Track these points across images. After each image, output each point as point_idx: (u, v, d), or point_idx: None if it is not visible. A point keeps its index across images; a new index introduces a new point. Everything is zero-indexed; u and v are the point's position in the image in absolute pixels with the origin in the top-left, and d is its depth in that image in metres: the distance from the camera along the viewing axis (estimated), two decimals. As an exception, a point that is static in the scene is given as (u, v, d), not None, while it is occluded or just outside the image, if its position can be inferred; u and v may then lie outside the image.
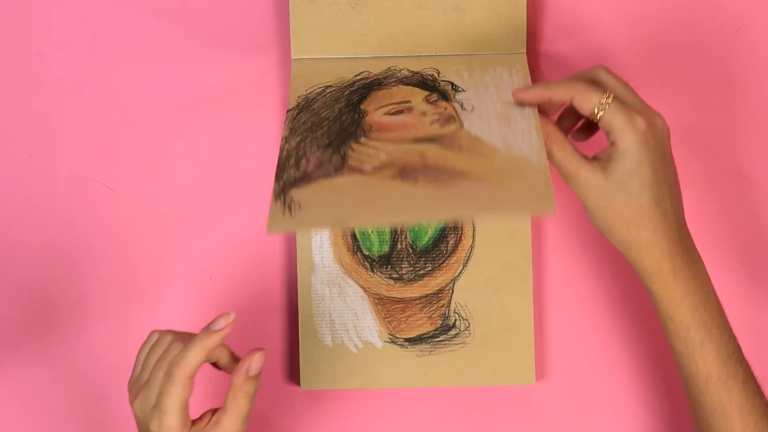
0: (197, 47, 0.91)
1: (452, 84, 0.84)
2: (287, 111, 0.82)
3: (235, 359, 0.81)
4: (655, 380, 0.90)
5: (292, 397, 0.91)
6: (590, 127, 0.82)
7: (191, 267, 0.91)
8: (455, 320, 0.89)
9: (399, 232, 0.89)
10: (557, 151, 0.77)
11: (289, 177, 0.75)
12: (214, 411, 0.79)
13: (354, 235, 0.89)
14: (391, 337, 0.89)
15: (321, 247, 0.89)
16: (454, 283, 0.89)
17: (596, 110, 0.76)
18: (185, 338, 0.80)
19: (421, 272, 0.89)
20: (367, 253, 0.89)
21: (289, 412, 0.91)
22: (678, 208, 0.78)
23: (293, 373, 0.90)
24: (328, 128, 0.80)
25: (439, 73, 0.85)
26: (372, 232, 0.89)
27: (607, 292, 0.91)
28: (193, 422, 0.78)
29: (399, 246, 0.89)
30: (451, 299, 0.89)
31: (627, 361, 0.90)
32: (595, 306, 0.91)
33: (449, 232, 0.89)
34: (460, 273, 0.89)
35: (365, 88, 0.84)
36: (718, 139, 0.91)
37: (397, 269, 0.89)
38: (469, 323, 0.89)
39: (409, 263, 0.89)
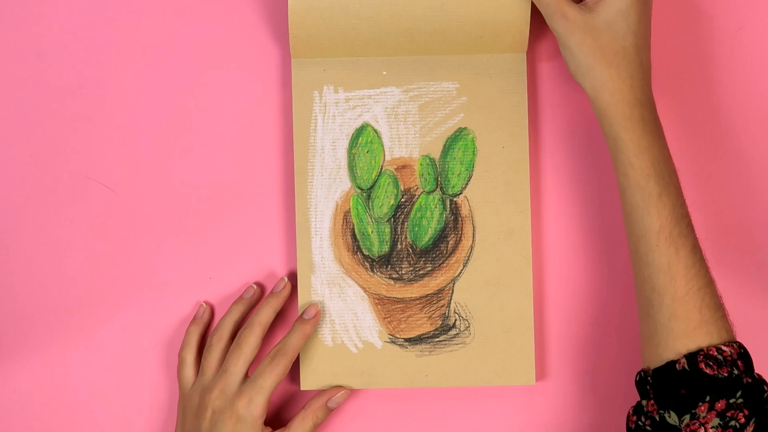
0: (197, 47, 0.91)
1: None
2: None
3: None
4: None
5: (291, 397, 0.91)
6: None
7: (191, 267, 0.91)
8: (455, 320, 0.89)
9: (399, 232, 0.89)
10: None
11: None
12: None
13: (354, 235, 0.89)
14: (391, 337, 0.89)
15: (321, 247, 0.89)
16: (454, 283, 0.89)
17: None
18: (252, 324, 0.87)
19: (421, 272, 0.89)
20: (367, 253, 0.89)
21: (289, 412, 0.91)
22: (649, 64, 0.80)
23: (293, 373, 0.90)
24: None
25: None
26: (372, 232, 0.89)
27: (607, 292, 0.91)
28: None
29: (399, 246, 0.89)
30: (451, 299, 0.89)
31: (626, 362, 0.90)
32: (595, 306, 0.91)
33: (449, 232, 0.89)
34: (460, 273, 0.89)
35: None
36: (719, 142, 0.91)
37: (397, 269, 0.89)
38: (469, 323, 0.89)
39: (409, 263, 0.89)
